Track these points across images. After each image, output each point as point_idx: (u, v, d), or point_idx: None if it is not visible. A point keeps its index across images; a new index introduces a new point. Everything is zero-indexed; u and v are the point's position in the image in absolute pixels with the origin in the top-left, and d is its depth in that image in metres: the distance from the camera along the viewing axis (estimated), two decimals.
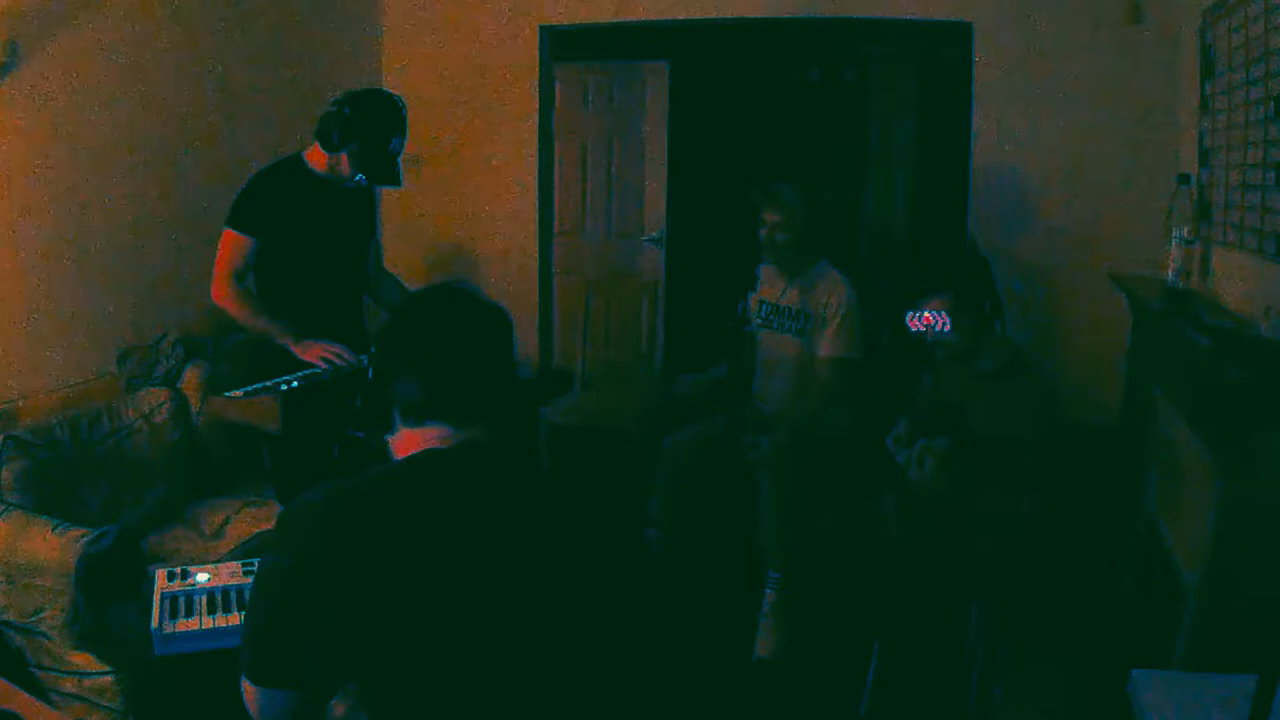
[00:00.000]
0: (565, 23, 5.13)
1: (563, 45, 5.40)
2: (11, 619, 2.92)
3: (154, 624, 2.59)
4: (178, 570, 2.76)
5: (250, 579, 2.54)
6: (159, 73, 4.01)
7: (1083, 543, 3.72)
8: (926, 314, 3.18)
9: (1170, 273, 3.53)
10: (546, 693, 1.63)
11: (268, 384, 3.30)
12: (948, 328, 3.17)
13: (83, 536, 2.86)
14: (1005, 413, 3.11)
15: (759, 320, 4.12)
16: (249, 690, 1.67)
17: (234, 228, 3.43)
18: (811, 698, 3.53)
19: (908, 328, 3.25)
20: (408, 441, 1.75)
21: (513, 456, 1.77)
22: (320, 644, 1.57)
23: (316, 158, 3.50)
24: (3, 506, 3.03)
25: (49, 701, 2.90)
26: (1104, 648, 3.40)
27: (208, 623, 2.61)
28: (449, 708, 1.58)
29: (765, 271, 4.10)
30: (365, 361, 3.23)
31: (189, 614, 2.64)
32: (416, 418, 1.74)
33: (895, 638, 3.30)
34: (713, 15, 4.92)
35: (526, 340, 5.14)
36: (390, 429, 1.77)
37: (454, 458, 1.71)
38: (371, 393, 1.79)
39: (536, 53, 5.12)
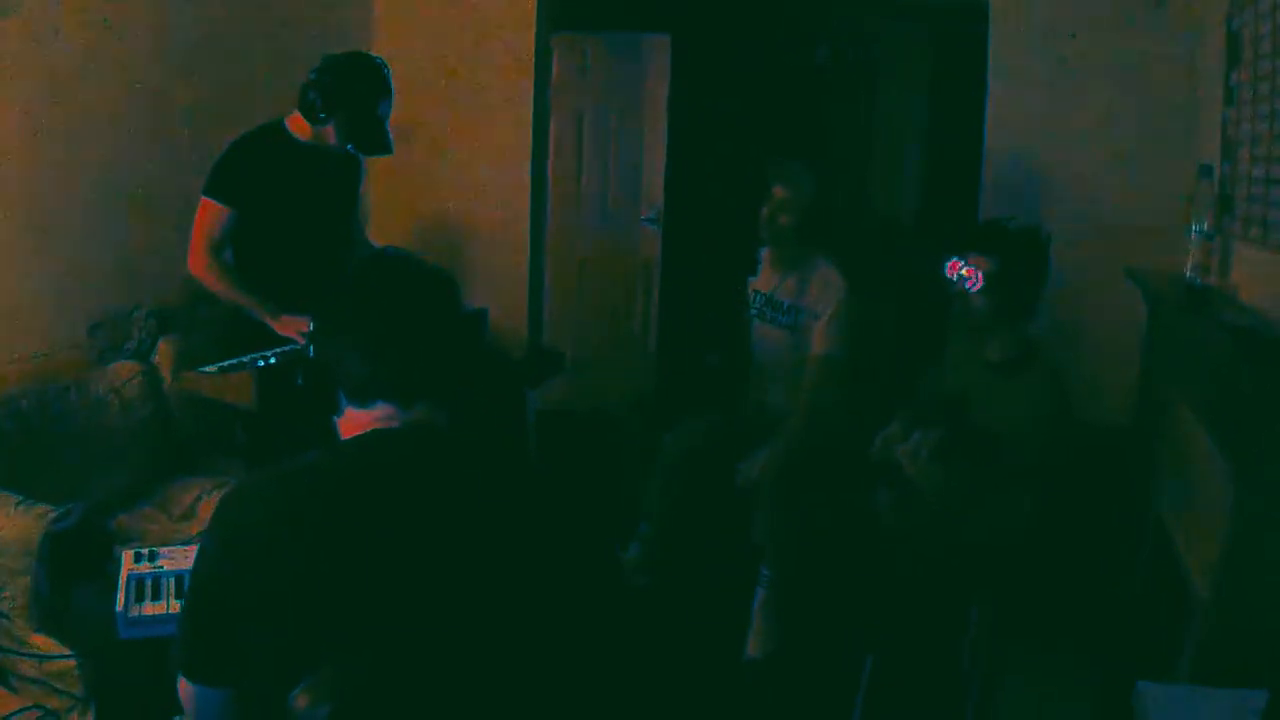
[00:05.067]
0: None
1: (561, 14, 5.32)
2: None
3: (119, 606, 2.50)
4: (146, 551, 2.68)
5: None
6: (135, 37, 3.92)
7: (1090, 546, 3.68)
8: (968, 266, 3.09)
9: (1189, 268, 3.46)
10: (511, 680, 1.59)
11: (243, 360, 3.24)
12: (979, 287, 3.07)
13: (47, 513, 2.81)
14: (1011, 408, 3.03)
15: (754, 310, 4.07)
16: (185, 688, 1.58)
17: (212, 197, 3.37)
18: (804, 699, 3.48)
19: (945, 274, 3.15)
20: (354, 422, 1.66)
21: (469, 438, 1.69)
22: (261, 638, 1.50)
23: (300, 125, 3.44)
24: None
25: (8, 685, 2.88)
26: (1109, 656, 3.37)
27: (176, 607, 2.50)
28: (411, 698, 1.52)
29: (764, 259, 4.03)
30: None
31: (156, 597, 2.55)
32: (361, 397, 1.65)
33: (891, 640, 3.24)
34: None
35: (516, 320, 5.09)
36: (337, 410, 1.69)
37: (402, 437, 1.63)
38: (313, 371, 1.70)
39: (533, 21, 5.03)
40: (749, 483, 3.77)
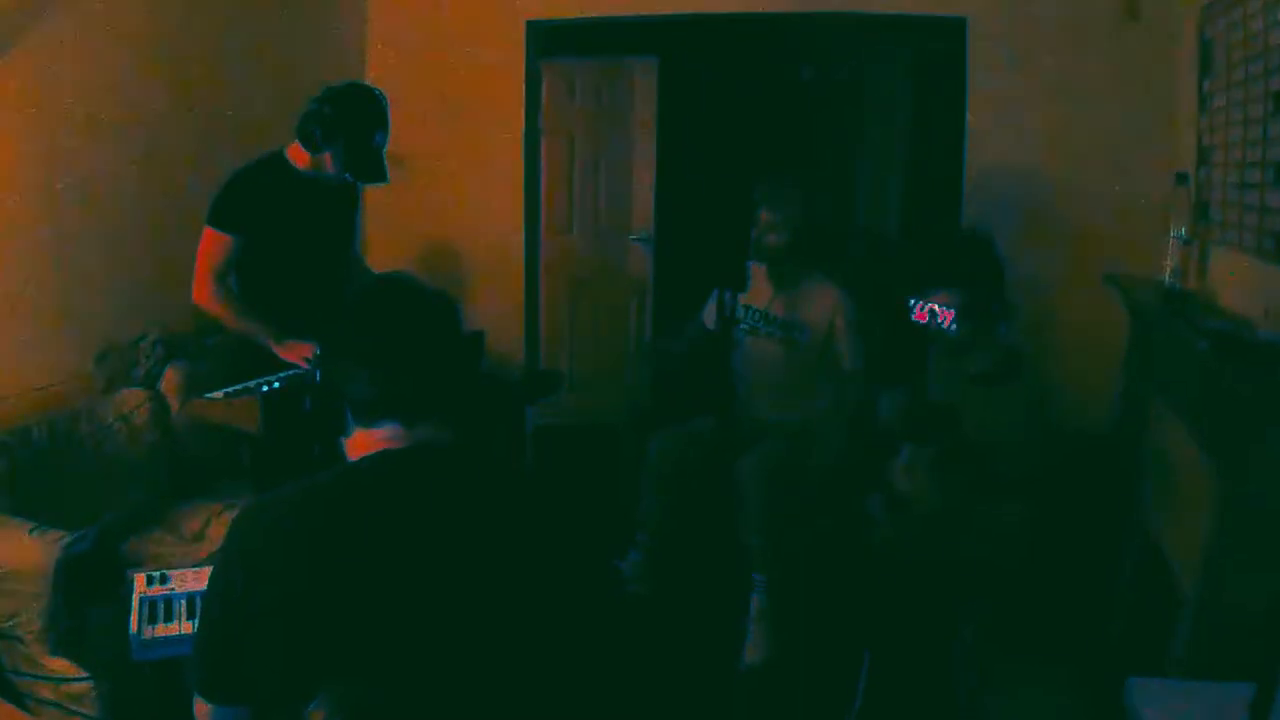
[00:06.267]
0: (552, 17, 5.07)
1: (550, 40, 5.34)
2: None
3: (133, 629, 2.57)
4: (157, 574, 2.74)
5: None
6: (139, 70, 3.96)
7: (1078, 549, 3.67)
8: (935, 307, 3.08)
9: (1168, 273, 3.49)
10: (521, 693, 1.61)
11: (249, 385, 3.27)
12: (952, 324, 3.07)
13: (60, 539, 2.82)
14: (995, 418, 3.05)
15: (745, 325, 4.07)
16: (201, 707, 1.62)
17: (215, 226, 3.40)
18: (800, 706, 3.49)
19: (910, 315, 3.14)
20: (361, 443, 1.70)
21: (474, 455, 1.73)
22: (275, 656, 1.53)
23: (299, 155, 3.48)
24: None
25: (25, 708, 2.88)
26: (1100, 656, 3.38)
27: (188, 628, 2.58)
28: (422, 712, 1.56)
29: (754, 274, 4.00)
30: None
31: (169, 619, 2.61)
32: (368, 417, 1.68)
33: (886, 645, 3.25)
34: (703, 10, 4.88)
35: (512, 341, 5.11)
36: (344, 431, 1.72)
37: (408, 458, 1.66)
38: (321, 394, 1.74)
39: (523, 48, 5.06)
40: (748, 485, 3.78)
